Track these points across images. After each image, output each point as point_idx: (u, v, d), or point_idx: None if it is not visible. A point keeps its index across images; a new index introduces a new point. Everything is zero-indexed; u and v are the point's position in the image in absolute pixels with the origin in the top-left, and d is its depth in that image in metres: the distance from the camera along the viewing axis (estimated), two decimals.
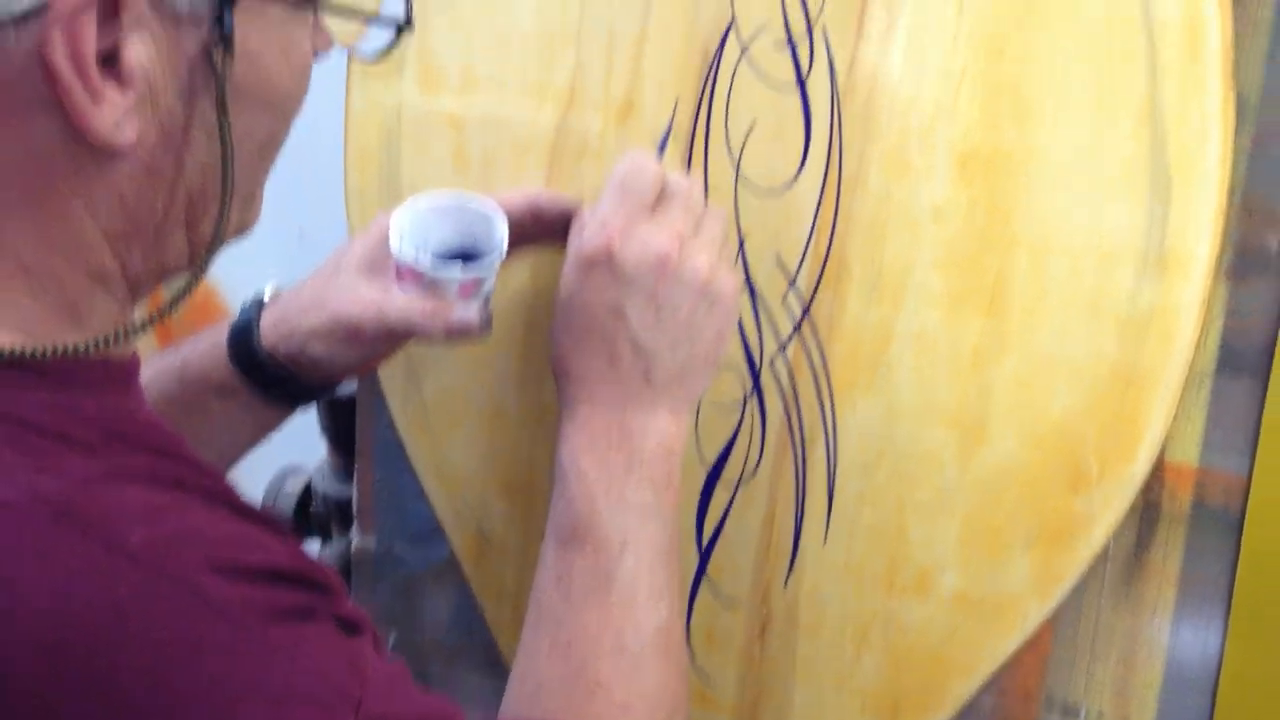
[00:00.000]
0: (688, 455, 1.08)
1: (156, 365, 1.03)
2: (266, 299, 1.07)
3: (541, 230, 1.03)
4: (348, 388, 1.23)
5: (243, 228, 0.82)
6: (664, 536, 0.94)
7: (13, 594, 0.63)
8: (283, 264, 1.33)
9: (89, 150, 0.69)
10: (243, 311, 1.07)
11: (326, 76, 1.07)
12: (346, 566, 1.27)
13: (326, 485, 1.31)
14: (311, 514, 1.33)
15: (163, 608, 0.65)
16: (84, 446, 0.70)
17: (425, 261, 0.97)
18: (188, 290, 0.77)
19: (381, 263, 1.01)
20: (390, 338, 1.01)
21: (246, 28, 0.71)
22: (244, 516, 0.73)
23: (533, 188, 1.05)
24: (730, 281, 0.96)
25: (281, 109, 0.77)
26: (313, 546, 1.37)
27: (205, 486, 0.73)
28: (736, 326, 1.04)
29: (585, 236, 0.95)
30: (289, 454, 1.35)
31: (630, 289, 0.93)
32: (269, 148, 0.79)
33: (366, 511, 1.24)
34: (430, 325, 0.98)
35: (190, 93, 0.71)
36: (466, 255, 1.00)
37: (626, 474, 0.94)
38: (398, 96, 1.11)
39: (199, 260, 0.78)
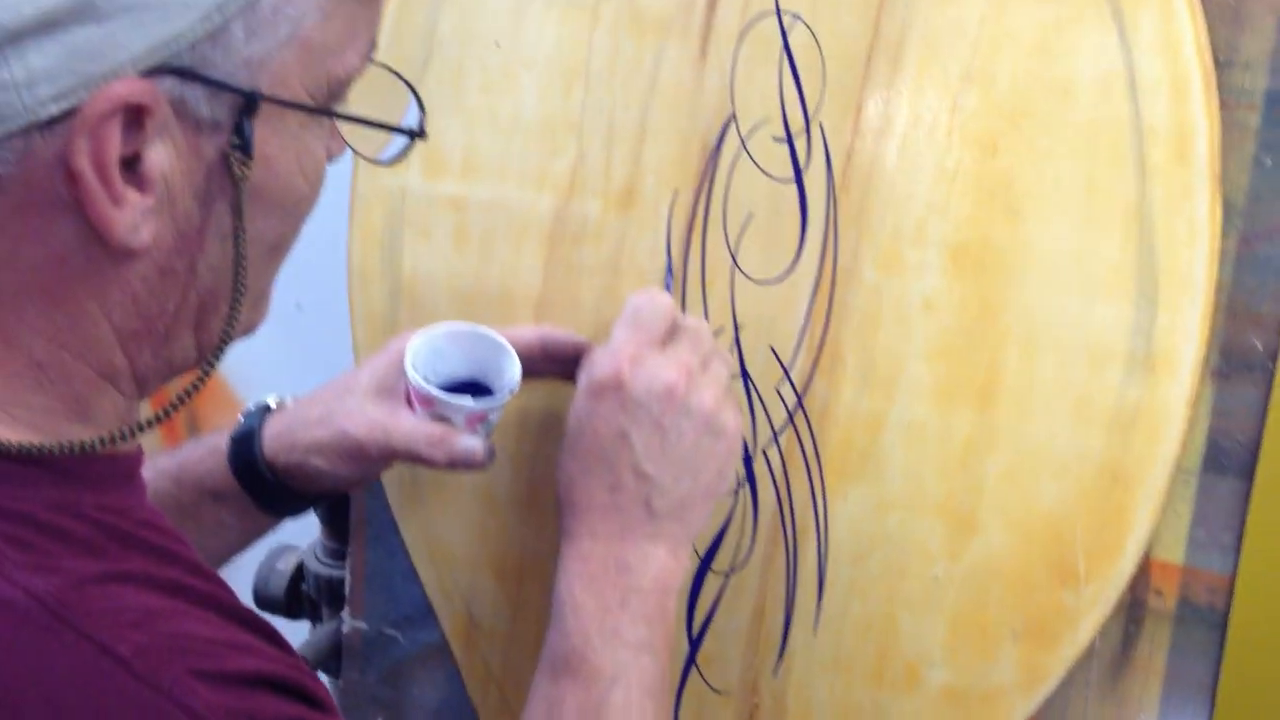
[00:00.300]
0: None
1: (155, 465, 1.03)
2: (272, 407, 1.09)
3: (551, 365, 1.05)
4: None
5: (250, 326, 0.82)
6: (656, 672, 0.94)
7: (3, 694, 0.64)
8: (279, 337, 1.34)
9: (106, 251, 0.69)
10: (246, 419, 1.08)
11: None
12: (337, 648, 1.26)
13: (319, 565, 1.31)
14: (303, 594, 1.33)
15: (147, 718, 0.65)
16: (82, 545, 0.70)
17: (437, 390, 0.99)
18: (195, 389, 0.77)
19: (391, 385, 1.03)
20: (392, 459, 1.03)
21: (264, 134, 0.72)
22: (238, 622, 0.73)
23: (546, 325, 1.07)
24: (735, 420, 0.98)
25: (294, 212, 0.78)
26: (303, 627, 1.36)
27: (200, 590, 0.73)
28: (739, 464, 1.05)
29: (596, 365, 0.97)
30: (282, 533, 1.35)
31: (637, 416, 0.95)
32: (279, 249, 0.80)
33: (358, 593, 1.24)
34: (434, 454, 0.99)
35: (207, 196, 0.72)
36: (476, 384, 1.02)
37: (622, 608, 0.94)
38: (402, 180, 1.13)
39: (206, 358, 0.78)
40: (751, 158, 1.03)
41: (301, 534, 1.35)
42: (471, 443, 0.99)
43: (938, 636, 1.03)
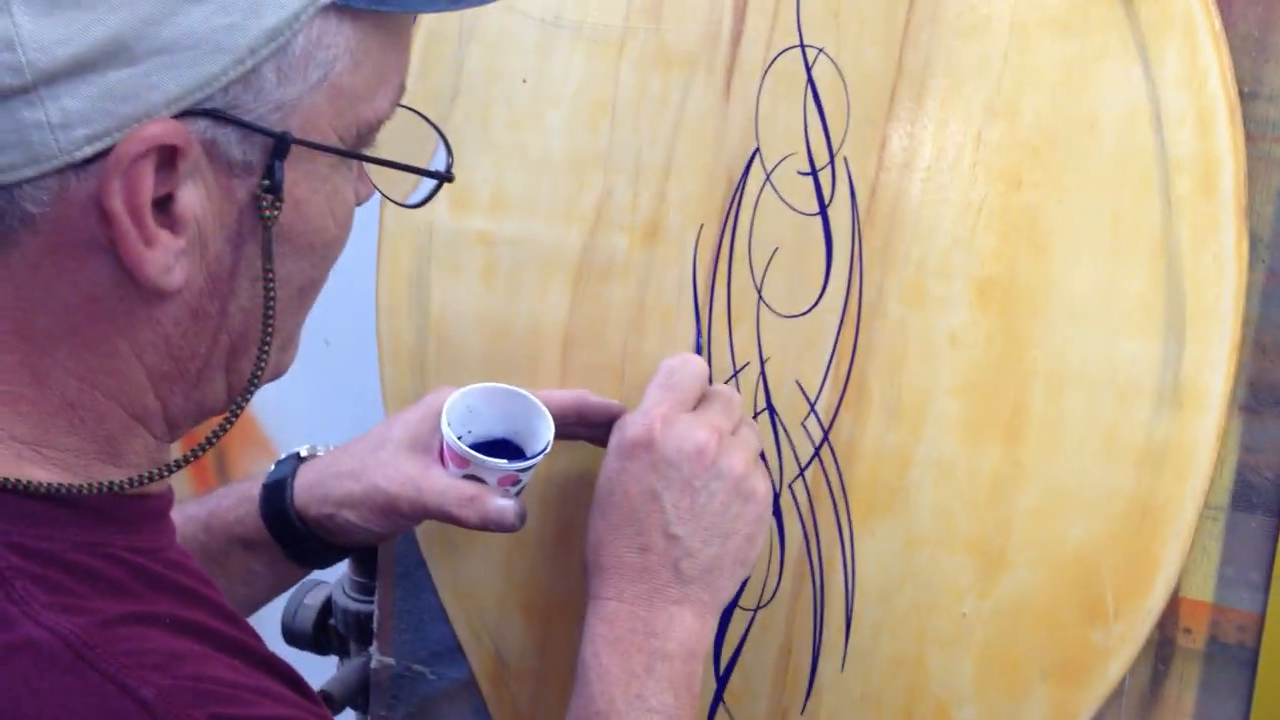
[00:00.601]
0: None
1: (185, 512, 1.04)
2: (303, 456, 1.09)
3: (584, 430, 1.06)
4: None
5: (279, 369, 0.83)
6: None
7: None
8: (308, 374, 1.34)
9: (138, 292, 0.70)
10: (278, 467, 1.09)
11: None
12: (365, 683, 1.26)
13: (347, 600, 1.31)
14: (331, 629, 1.33)
15: None
16: (110, 585, 0.70)
17: (472, 452, 0.99)
18: (223, 430, 0.77)
19: (425, 441, 1.03)
20: (423, 516, 1.03)
21: (295, 177, 0.73)
22: (263, 668, 0.74)
23: (581, 390, 1.07)
24: (765, 486, 0.99)
25: (323, 254, 0.78)
26: (331, 662, 1.36)
27: (226, 635, 0.73)
28: (768, 533, 1.04)
29: (628, 425, 0.98)
30: None
31: (668, 475, 0.96)
32: (309, 291, 0.80)
33: (386, 629, 1.24)
34: (466, 513, 1.00)
35: (238, 238, 0.72)
36: (508, 444, 1.03)
37: (647, 674, 0.94)
38: (430, 216, 1.13)
39: (235, 400, 0.78)
40: (777, 192, 1.03)
41: (330, 569, 1.35)
42: (504, 504, 1.00)
43: (967, 674, 1.02)
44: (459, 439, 1.00)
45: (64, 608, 0.67)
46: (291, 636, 1.34)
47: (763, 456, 1.03)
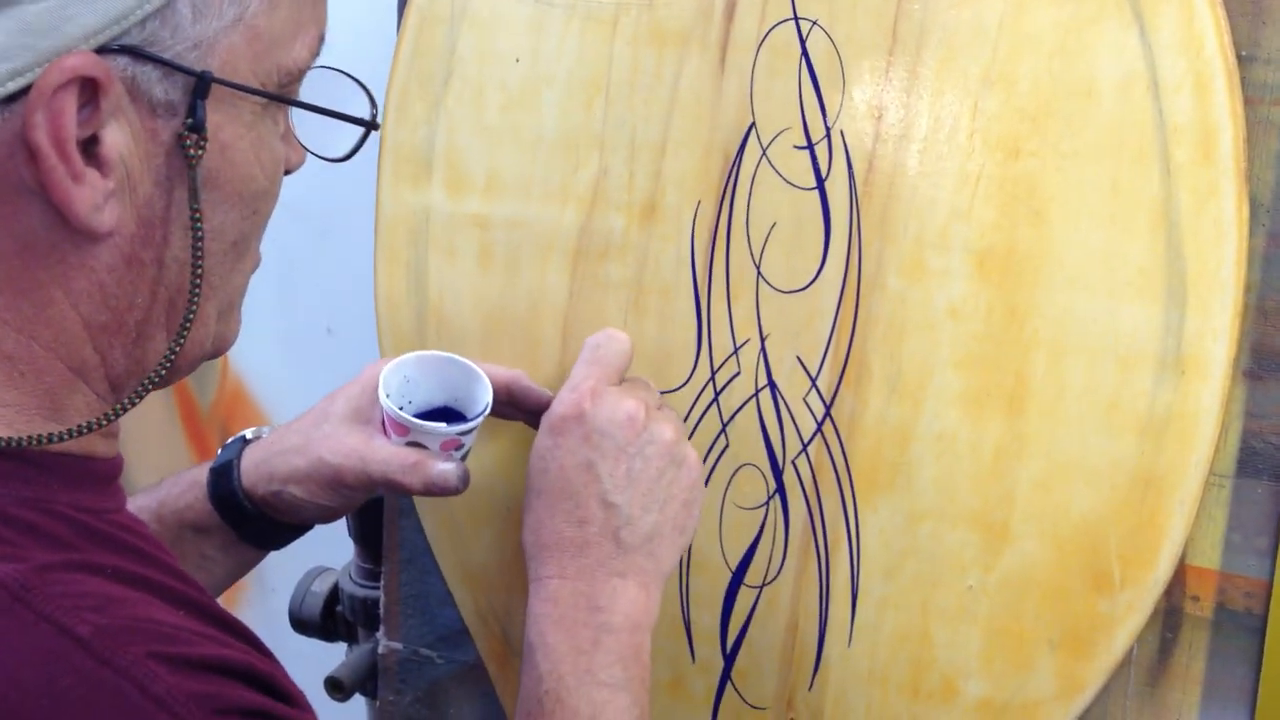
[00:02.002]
0: (713, 559, 1.08)
1: (135, 503, 1.04)
2: (249, 438, 1.09)
3: (514, 411, 1.06)
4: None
5: (221, 341, 0.83)
6: (634, 711, 0.94)
7: None
8: (311, 362, 1.35)
9: (70, 236, 0.71)
10: (224, 451, 1.09)
11: (355, 178, 1.10)
12: (373, 669, 1.26)
13: (354, 586, 1.31)
14: (339, 615, 1.33)
15: (104, 700, 0.65)
16: (51, 539, 0.71)
17: (411, 416, 1.00)
18: (150, 385, 0.79)
19: (367, 413, 1.04)
20: (369, 487, 1.03)
21: (218, 120, 0.74)
22: (212, 621, 0.73)
23: (519, 371, 1.07)
24: (695, 454, 1.00)
25: (254, 206, 0.79)
26: (340, 649, 1.37)
27: (175, 589, 0.73)
28: (703, 504, 1.04)
29: (557, 401, 0.99)
30: (317, 555, 1.36)
31: (601, 444, 0.96)
32: (242, 247, 0.81)
33: (393, 615, 1.24)
34: (410, 480, 1.00)
35: (167, 182, 0.74)
36: (449, 412, 1.04)
37: (594, 648, 0.94)
38: (426, 199, 1.13)
39: (168, 353, 0.79)
40: (773, 166, 1.02)
41: (336, 555, 1.35)
42: (446, 467, 1.00)
43: (973, 648, 1.01)
44: (400, 410, 1.00)
45: (2, 556, 0.68)
46: (299, 624, 1.34)
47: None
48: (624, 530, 0.96)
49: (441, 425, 1.00)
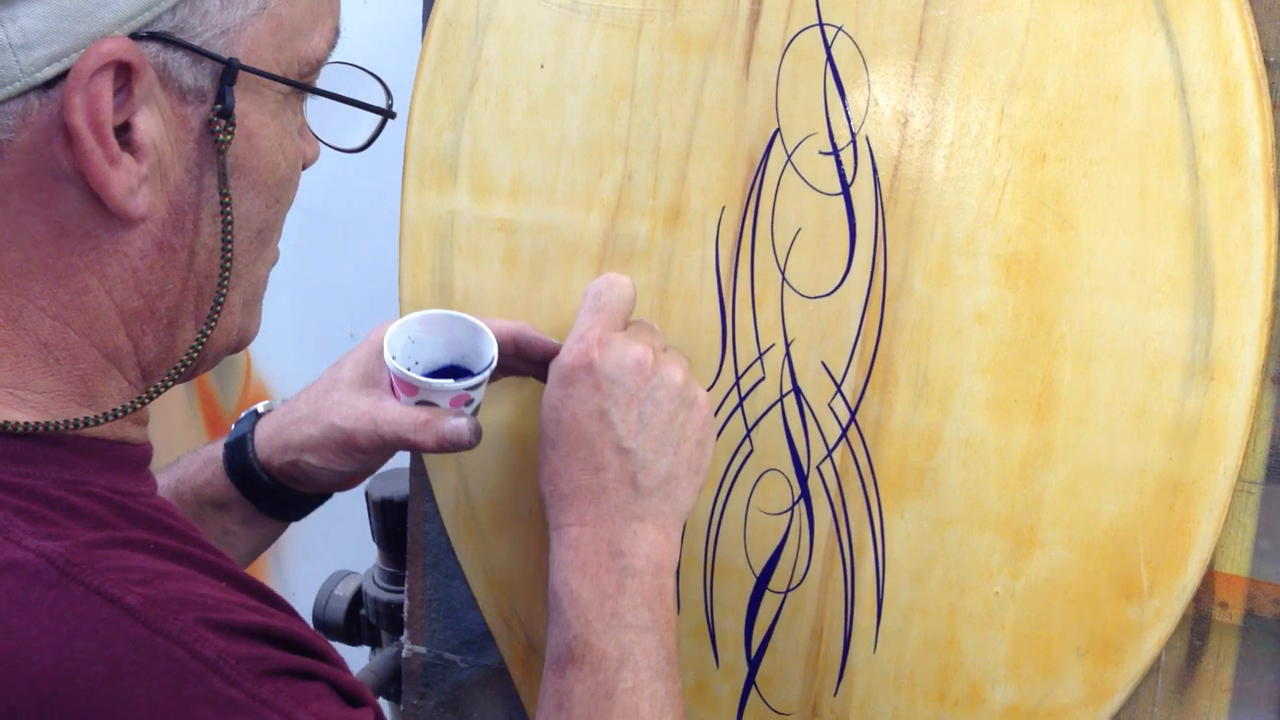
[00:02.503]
0: (737, 564, 1.08)
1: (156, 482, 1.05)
2: (260, 412, 1.10)
3: (521, 364, 1.07)
4: (398, 490, 1.25)
5: (245, 333, 0.85)
6: (663, 653, 0.94)
7: (17, 647, 0.65)
8: None
9: (105, 222, 0.72)
10: (237, 425, 1.10)
11: (378, 183, 1.10)
12: (397, 673, 1.27)
13: (377, 590, 1.31)
14: (362, 619, 1.34)
15: (158, 665, 0.66)
16: (91, 519, 0.72)
17: (418, 375, 1.00)
18: (179, 372, 0.80)
19: (375, 376, 1.04)
20: (383, 449, 1.04)
21: (245, 106, 0.75)
22: (252, 592, 0.74)
23: (524, 323, 1.07)
24: (704, 392, 1.00)
25: (277, 195, 0.81)
26: (363, 653, 1.37)
27: (212, 562, 0.74)
28: (715, 441, 1.03)
29: (564, 351, 0.99)
30: (341, 559, 1.36)
31: (612, 392, 0.96)
32: (265, 236, 0.82)
33: (417, 618, 1.24)
34: (422, 438, 1.00)
35: (197, 169, 0.75)
36: (457, 370, 1.04)
37: (619, 592, 0.94)
38: (451, 204, 1.13)
39: (199, 337, 0.80)
40: (798, 172, 1.02)
41: (360, 559, 1.35)
42: (458, 423, 1.00)
43: (1000, 654, 1.01)
44: (408, 370, 1.00)
45: (46, 535, 0.69)
46: (323, 627, 1.35)
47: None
48: (640, 474, 0.96)
49: (449, 381, 1.00)
